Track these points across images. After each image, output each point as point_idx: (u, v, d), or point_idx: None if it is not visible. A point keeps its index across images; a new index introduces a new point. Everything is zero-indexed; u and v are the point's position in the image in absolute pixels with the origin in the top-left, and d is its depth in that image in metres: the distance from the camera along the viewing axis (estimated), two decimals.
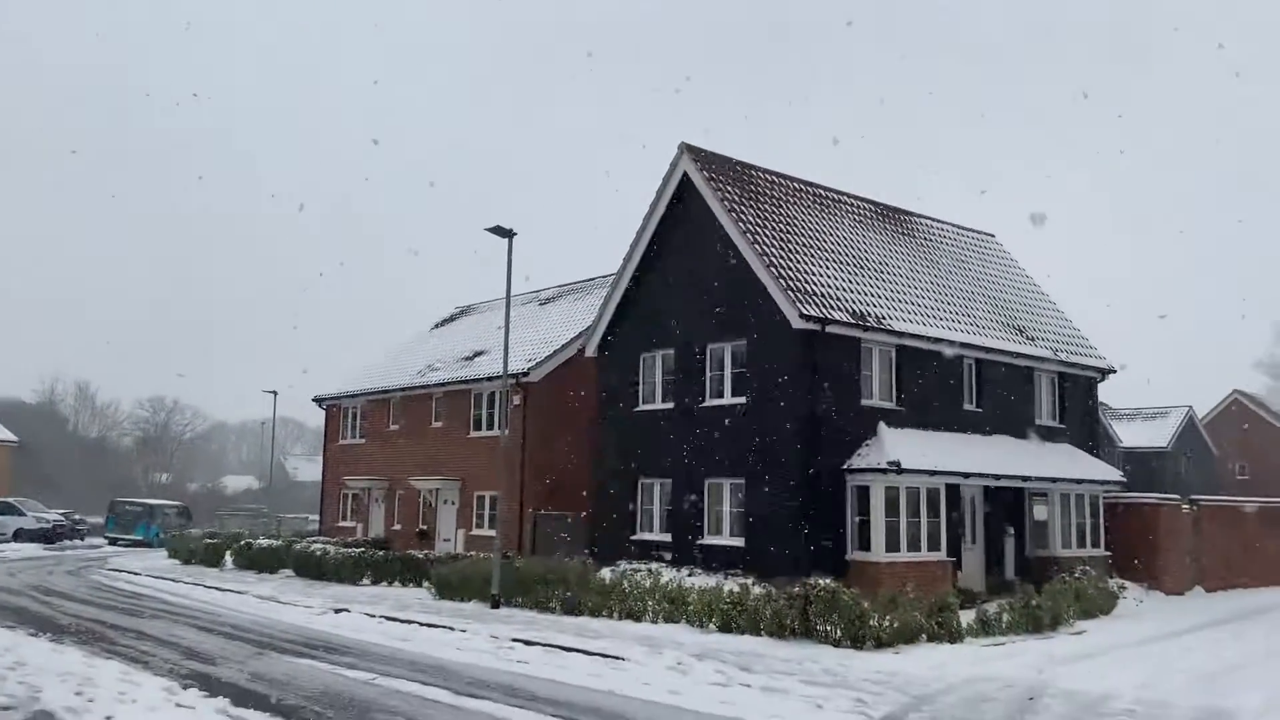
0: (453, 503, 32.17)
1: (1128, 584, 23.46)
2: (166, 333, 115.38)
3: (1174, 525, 25.87)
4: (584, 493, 27.06)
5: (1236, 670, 13.97)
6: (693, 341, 23.81)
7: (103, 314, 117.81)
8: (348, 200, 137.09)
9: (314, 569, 28.31)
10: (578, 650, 15.27)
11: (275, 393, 46.70)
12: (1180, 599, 24.53)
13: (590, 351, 26.55)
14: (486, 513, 30.77)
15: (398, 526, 34.26)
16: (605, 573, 21.61)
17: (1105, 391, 31.56)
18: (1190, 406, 60.77)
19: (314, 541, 31.61)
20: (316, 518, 41.94)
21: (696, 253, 24.01)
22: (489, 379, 30.57)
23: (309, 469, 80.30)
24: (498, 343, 28.88)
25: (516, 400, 29.68)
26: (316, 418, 45.65)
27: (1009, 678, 13.25)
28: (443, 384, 32.89)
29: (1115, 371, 28.53)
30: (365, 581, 26.83)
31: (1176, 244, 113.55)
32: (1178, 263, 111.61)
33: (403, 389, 34.67)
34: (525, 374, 29.33)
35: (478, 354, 33.77)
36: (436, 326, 41.47)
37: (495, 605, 21.19)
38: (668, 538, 23.76)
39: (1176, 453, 58.17)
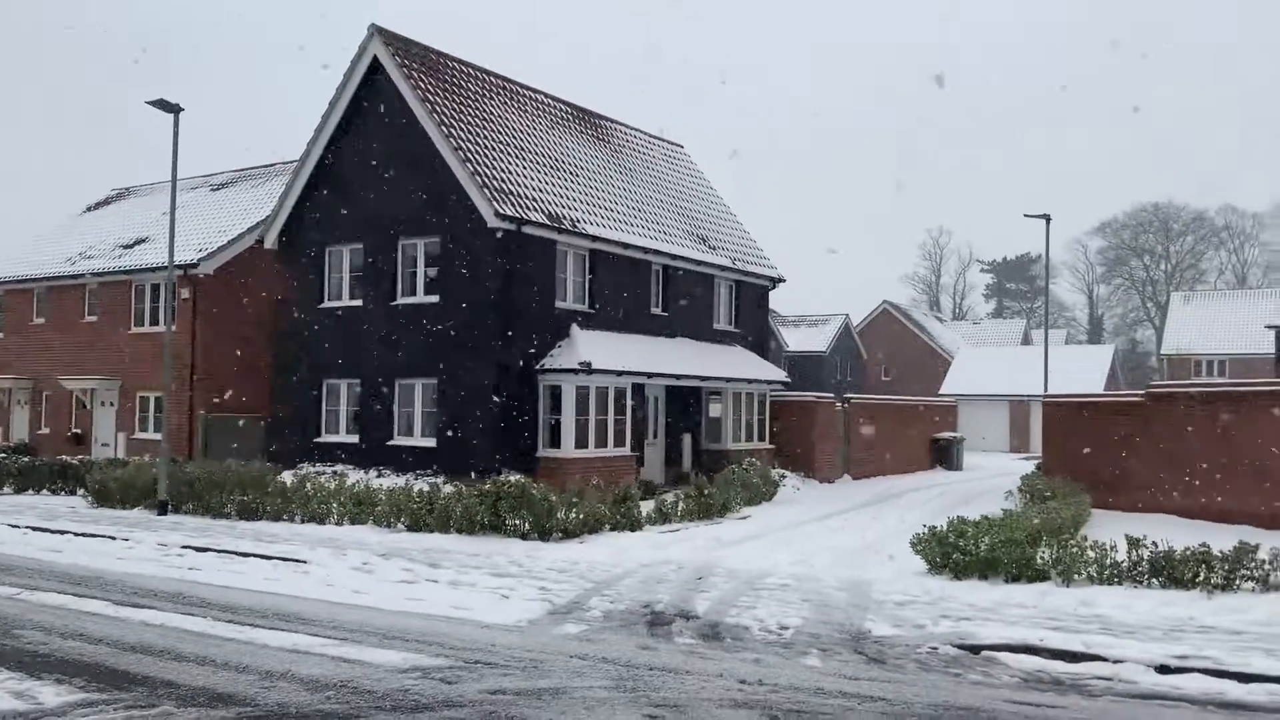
0: (111, 404, 29.44)
1: (788, 473, 25.71)
2: None
3: (828, 421, 28.60)
4: (265, 394, 25.65)
5: (873, 546, 15.76)
6: (384, 236, 22.93)
7: None
8: None
9: None
10: (255, 555, 14.59)
11: None
12: (832, 486, 27.29)
13: (270, 243, 24.89)
14: (151, 415, 28.47)
15: (46, 430, 30.93)
16: (287, 476, 20.74)
17: (775, 299, 34.05)
18: (847, 315, 66.89)
19: None
20: None
21: (389, 143, 22.98)
22: (153, 269, 27.97)
23: None
24: (163, 230, 26.44)
25: (185, 294, 27.45)
26: None
27: (682, 560, 14.18)
28: (98, 274, 29.72)
29: (784, 281, 30.75)
30: (7, 490, 24.11)
31: (849, 174, 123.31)
32: (850, 188, 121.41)
33: (50, 278, 30.98)
34: (194, 265, 27.14)
35: (139, 241, 30.74)
36: (90, 210, 37.16)
37: (163, 512, 19.77)
38: (355, 439, 23.11)
39: (834, 356, 64.03)
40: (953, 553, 12.65)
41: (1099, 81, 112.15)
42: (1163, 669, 8.31)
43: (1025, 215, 32.57)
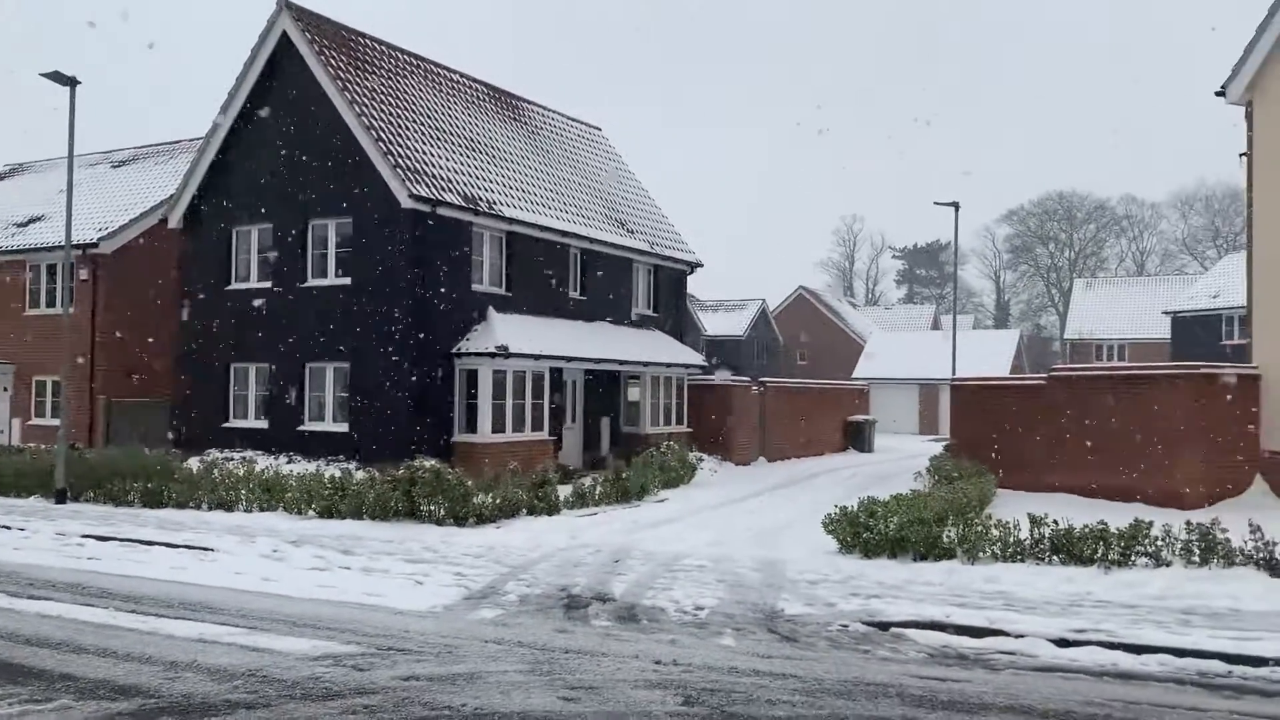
0: (6, 390, 28.25)
1: (705, 456, 25.94)
2: None
3: (744, 404, 28.91)
4: (170, 378, 24.88)
5: (787, 527, 16.00)
6: (294, 217, 22.39)
7: None
8: None
9: None
10: (160, 544, 14.18)
11: None
12: (748, 468, 27.61)
13: (174, 223, 24.11)
14: (49, 400, 27.41)
15: None
16: (193, 463, 20.18)
17: (693, 284, 34.23)
18: (763, 300, 67.67)
19: None
20: None
21: (299, 121, 22.41)
22: (49, 249, 26.86)
23: None
24: (60, 208, 25.41)
25: (84, 274, 26.44)
26: None
27: (599, 543, 14.20)
28: None
29: (702, 266, 30.92)
30: None
31: (766, 161, 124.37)
32: (765, 173, 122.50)
33: None
34: (95, 245, 26.16)
35: (34, 220, 29.47)
36: None
37: (61, 500, 19.06)
38: (265, 425, 22.58)
39: (751, 340, 64.73)
40: (863, 532, 12.91)
41: (1007, 72, 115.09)
42: (1062, 642, 8.61)
43: (935, 203, 33.32)
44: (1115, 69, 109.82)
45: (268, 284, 22.84)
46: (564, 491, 18.36)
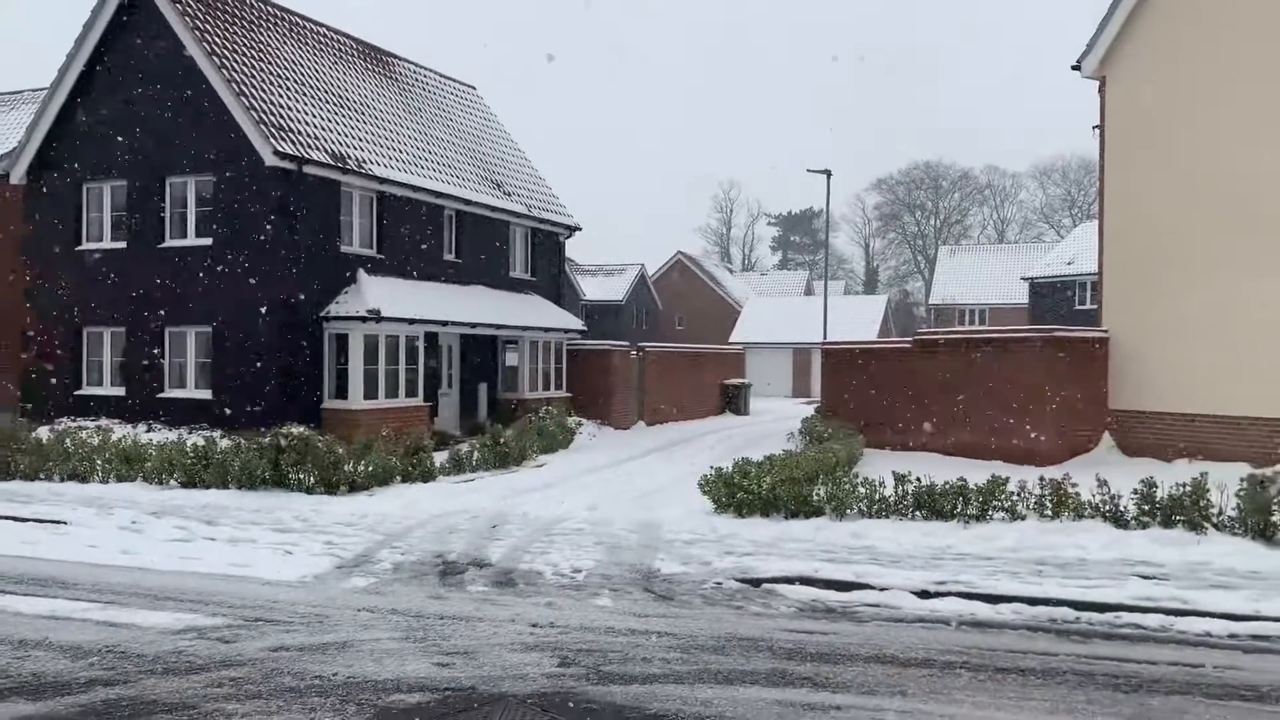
0: None
1: (585, 421, 25.99)
2: None
3: (623, 369, 29.03)
4: (16, 344, 23.44)
5: (664, 489, 16.19)
6: (149, 173, 21.28)
7: None
8: None
9: None
10: (7, 517, 13.41)
11: None
12: (627, 432, 27.79)
13: (16, 178, 22.60)
14: None
15: None
16: (43, 432, 19.11)
17: (573, 248, 34.06)
18: (642, 265, 67.88)
19: None
20: None
21: (154, 72, 21.22)
22: None
23: None
24: None
25: None
26: None
27: (476, 509, 14.09)
28: None
29: (581, 229, 30.78)
30: None
31: (643, 134, 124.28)
32: (648, 143, 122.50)
33: None
34: None
35: None
36: None
37: None
38: (122, 392, 21.55)
39: (630, 305, 64.95)
40: (737, 493, 13.15)
41: (883, 44, 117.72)
42: (924, 594, 8.98)
43: (808, 170, 33.96)
44: (982, 43, 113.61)
45: (122, 244, 21.68)
46: (440, 458, 18.13)
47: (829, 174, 33.48)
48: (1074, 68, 19.05)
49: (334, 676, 6.63)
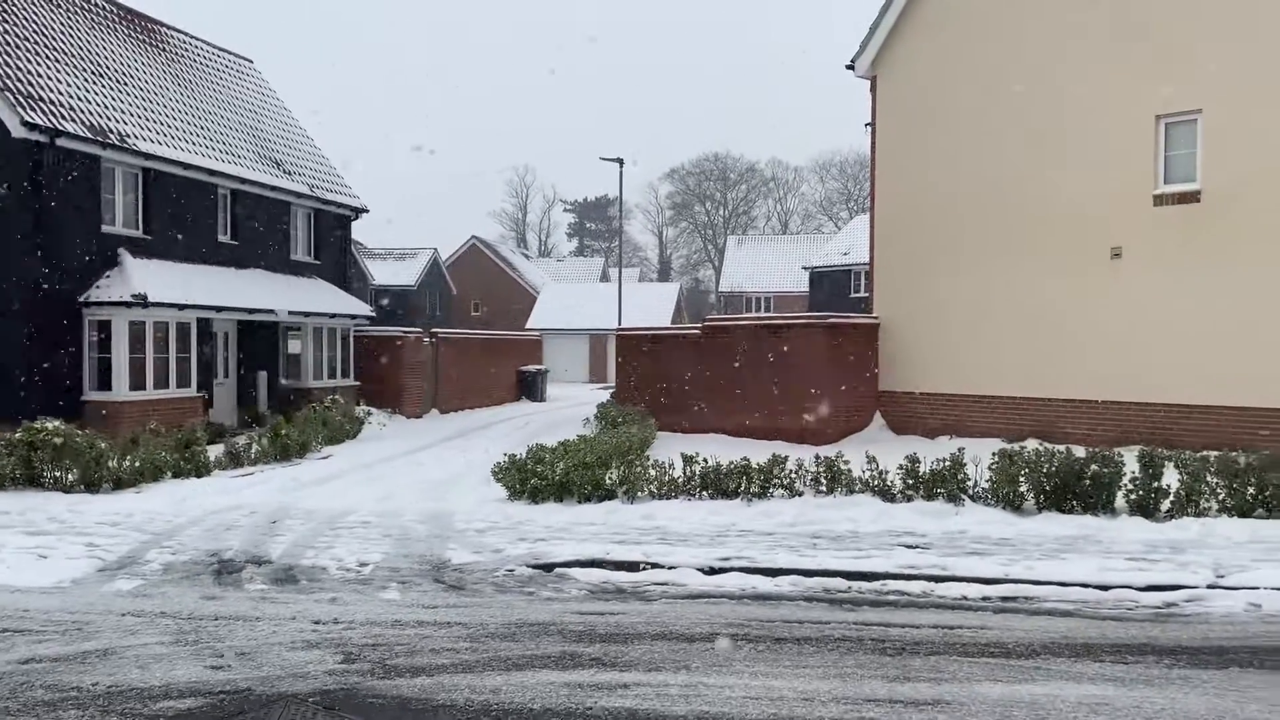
0: None
1: (374, 410, 25.26)
2: None
3: (415, 356, 28.41)
4: None
5: (457, 478, 15.97)
6: None
7: None
8: None
9: None
10: None
11: None
12: (419, 421, 27.23)
13: None
14: None
15: None
16: None
17: (361, 231, 32.99)
18: (435, 249, 66.56)
19: None
20: None
21: None
22: None
23: None
24: None
25: None
26: None
27: (255, 504, 13.43)
28: None
29: (368, 211, 29.81)
30: None
31: (439, 106, 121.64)
32: (446, 124, 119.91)
33: None
34: None
35: None
36: None
37: None
38: None
39: (423, 290, 63.57)
40: (531, 479, 13.15)
41: (672, 43, 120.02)
42: (709, 570, 9.27)
43: (601, 159, 34.28)
44: (768, 40, 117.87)
45: None
46: (215, 451, 17.19)
47: (621, 162, 33.93)
48: (848, 67, 20.08)
49: (94, 687, 6.16)
